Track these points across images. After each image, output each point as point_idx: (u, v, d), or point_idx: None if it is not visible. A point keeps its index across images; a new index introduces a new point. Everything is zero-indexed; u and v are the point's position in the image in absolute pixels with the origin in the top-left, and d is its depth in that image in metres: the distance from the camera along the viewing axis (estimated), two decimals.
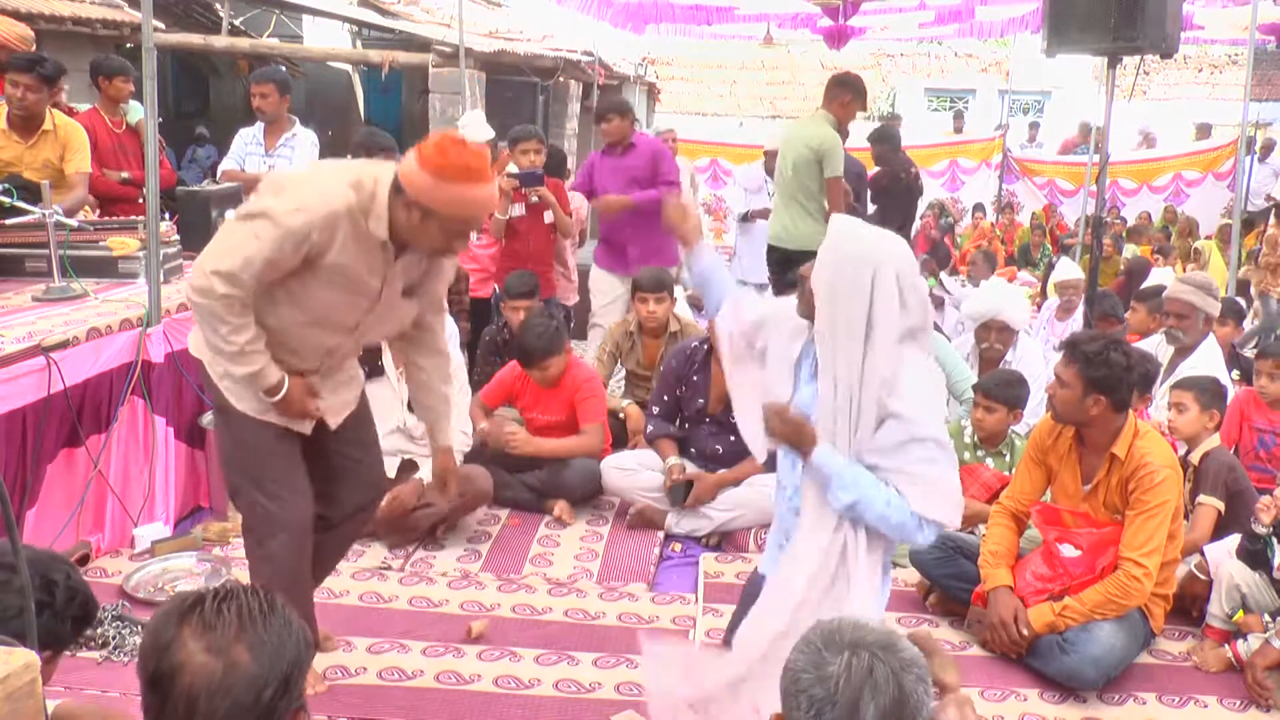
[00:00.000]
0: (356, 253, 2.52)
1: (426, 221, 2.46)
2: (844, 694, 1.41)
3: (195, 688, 1.35)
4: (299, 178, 2.64)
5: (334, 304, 2.62)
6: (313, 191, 2.49)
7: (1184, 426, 3.77)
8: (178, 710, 1.35)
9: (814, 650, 1.48)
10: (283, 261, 2.49)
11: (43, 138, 4.55)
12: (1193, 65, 21.28)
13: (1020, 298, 4.97)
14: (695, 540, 4.13)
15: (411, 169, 2.42)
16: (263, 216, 2.46)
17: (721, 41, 16.01)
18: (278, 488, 2.73)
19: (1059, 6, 4.90)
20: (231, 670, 1.36)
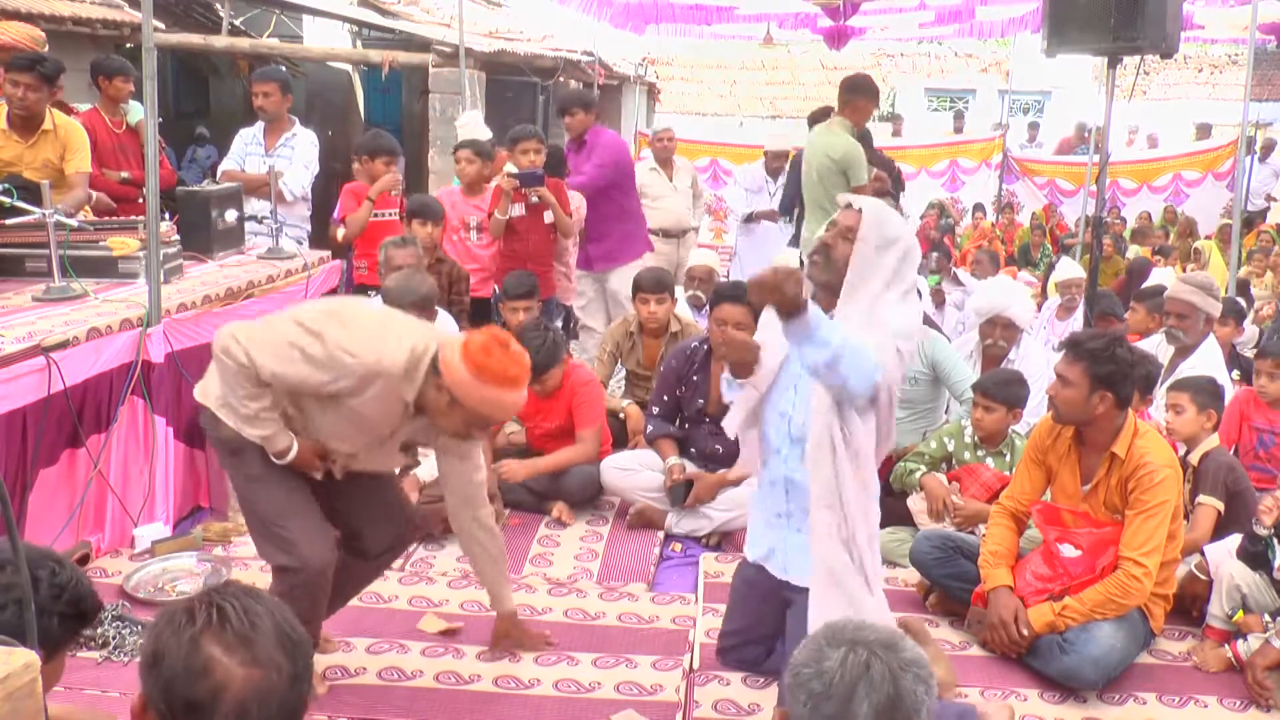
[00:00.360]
0: (380, 403, 2.64)
1: (453, 408, 2.56)
2: (838, 688, 1.42)
3: (245, 699, 1.35)
4: (369, 321, 2.70)
5: (337, 431, 2.75)
6: (374, 346, 2.57)
7: (1181, 428, 3.77)
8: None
9: (816, 645, 1.48)
10: (311, 385, 2.61)
11: (43, 137, 4.55)
12: (1193, 65, 21.30)
13: (1027, 296, 4.95)
14: (695, 540, 4.13)
15: (454, 361, 2.51)
16: (318, 340, 2.56)
17: (721, 41, 16.01)
18: (293, 533, 2.78)
19: (1059, 6, 4.90)
20: (275, 674, 1.38)
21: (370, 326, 2.66)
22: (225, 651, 1.37)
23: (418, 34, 9.79)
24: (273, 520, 2.79)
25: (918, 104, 21.91)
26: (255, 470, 2.78)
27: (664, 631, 3.41)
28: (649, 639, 3.34)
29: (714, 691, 3.05)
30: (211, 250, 4.75)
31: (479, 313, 5.59)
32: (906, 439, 4.44)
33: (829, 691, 1.42)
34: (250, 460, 2.78)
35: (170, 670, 1.37)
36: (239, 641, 1.37)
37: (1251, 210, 11.03)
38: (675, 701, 2.98)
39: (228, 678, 1.35)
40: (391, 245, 4.64)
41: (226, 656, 1.36)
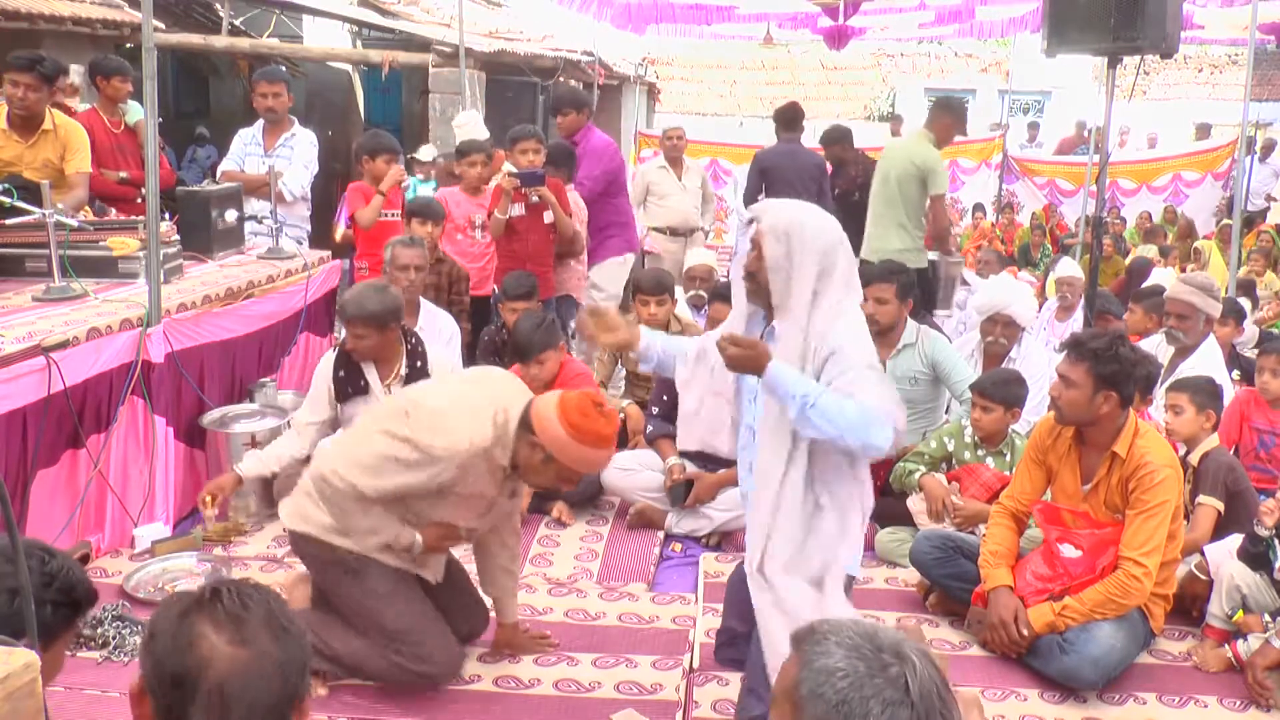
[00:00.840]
0: (482, 477, 2.77)
1: (546, 465, 2.72)
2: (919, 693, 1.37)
3: (227, 677, 1.37)
4: (446, 406, 2.77)
5: (451, 516, 2.88)
6: (460, 431, 2.68)
7: (1180, 428, 3.77)
8: (210, 701, 1.36)
9: (861, 653, 1.42)
10: (416, 488, 2.73)
11: (42, 137, 4.55)
12: (1193, 65, 21.30)
13: (1029, 295, 4.96)
14: (695, 540, 4.13)
15: (551, 422, 2.66)
16: (407, 444, 2.66)
17: (721, 41, 16.01)
18: (427, 644, 2.90)
19: (1059, 6, 4.91)
20: (260, 658, 1.39)
21: (449, 411, 2.74)
22: (214, 629, 1.39)
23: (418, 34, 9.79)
24: (405, 634, 2.88)
25: (918, 104, 21.90)
26: (382, 587, 2.87)
27: (664, 631, 3.41)
28: (649, 639, 3.34)
29: (714, 691, 3.05)
30: (211, 250, 4.75)
31: (478, 311, 5.59)
32: (906, 439, 4.44)
33: (905, 699, 1.36)
34: (374, 576, 2.86)
35: (161, 646, 1.40)
36: (228, 620, 1.39)
37: (1251, 210, 11.02)
38: (675, 701, 2.98)
39: (213, 654, 1.37)
40: (399, 244, 4.64)
41: (214, 633, 1.38)
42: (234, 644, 1.38)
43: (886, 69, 23.08)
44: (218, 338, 4.31)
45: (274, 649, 1.40)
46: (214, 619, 1.40)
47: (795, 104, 7.25)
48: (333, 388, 3.90)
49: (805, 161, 6.71)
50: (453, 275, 5.23)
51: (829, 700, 1.38)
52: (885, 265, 5.04)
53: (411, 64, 9.69)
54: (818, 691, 1.40)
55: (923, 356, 4.57)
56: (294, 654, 1.43)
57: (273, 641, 1.41)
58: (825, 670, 1.41)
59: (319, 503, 2.84)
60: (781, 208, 2.60)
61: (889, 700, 1.37)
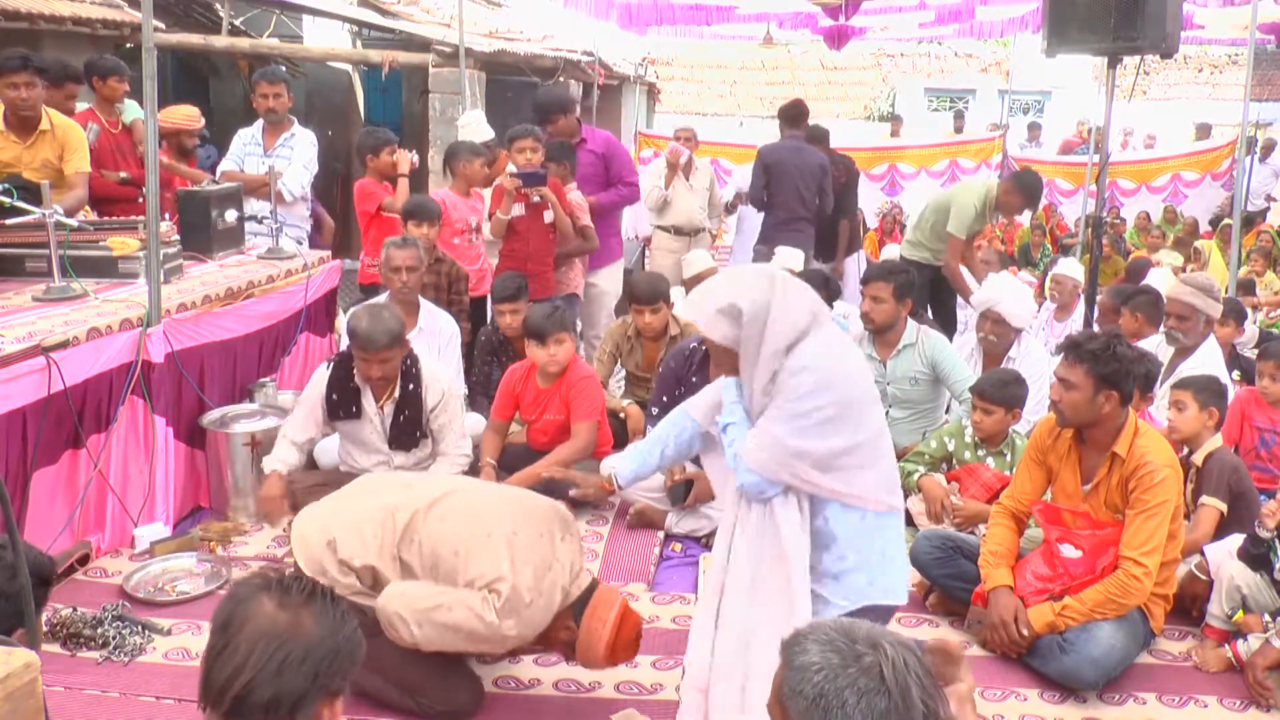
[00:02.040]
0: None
1: (566, 648, 2.81)
2: (893, 683, 1.38)
3: (259, 634, 1.49)
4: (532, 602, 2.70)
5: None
6: (537, 620, 2.71)
7: (1183, 425, 3.77)
8: (237, 652, 1.48)
9: (836, 646, 1.44)
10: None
11: (40, 137, 4.55)
12: (1193, 65, 21.31)
13: (1023, 294, 4.96)
14: (695, 540, 4.12)
15: (598, 639, 2.70)
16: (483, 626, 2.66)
17: (721, 41, 16.01)
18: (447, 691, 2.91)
19: (1059, 6, 4.90)
20: (295, 627, 1.51)
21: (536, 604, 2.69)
22: (269, 595, 1.55)
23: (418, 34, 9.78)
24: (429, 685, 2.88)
25: (918, 104, 21.92)
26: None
27: (664, 631, 3.41)
28: (649, 639, 3.33)
29: None
30: (211, 250, 4.76)
31: (477, 311, 5.60)
32: (906, 439, 4.45)
33: (881, 687, 1.38)
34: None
35: (226, 597, 1.58)
36: (284, 594, 1.55)
37: (1251, 210, 11.02)
38: (675, 701, 2.98)
39: (258, 610, 1.52)
40: (392, 245, 4.63)
41: (267, 598, 1.54)
42: (278, 609, 1.52)
43: (886, 69, 23.09)
44: (218, 338, 4.31)
45: (314, 631, 1.52)
46: (274, 590, 1.55)
47: (800, 101, 7.25)
48: (325, 408, 3.87)
49: (809, 159, 6.72)
50: (453, 275, 5.23)
51: (807, 696, 1.41)
52: (883, 265, 5.05)
53: (411, 64, 9.69)
54: (797, 689, 1.42)
55: (922, 356, 4.58)
56: (331, 646, 1.53)
57: (314, 625, 1.52)
58: (802, 667, 1.43)
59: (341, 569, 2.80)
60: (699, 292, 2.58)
61: (864, 689, 1.39)
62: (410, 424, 3.88)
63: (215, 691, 1.49)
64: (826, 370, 2.40)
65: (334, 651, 1.53)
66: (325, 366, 3.93)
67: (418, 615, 2.70)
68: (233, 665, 1.48)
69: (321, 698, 1.52)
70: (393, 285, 4.61)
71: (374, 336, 3.66)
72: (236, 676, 1.47)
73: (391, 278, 4.59)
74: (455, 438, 3.94)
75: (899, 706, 1.38)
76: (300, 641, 1.50)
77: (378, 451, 3.94)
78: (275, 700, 1.47)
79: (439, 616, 2.69)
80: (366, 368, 3.74)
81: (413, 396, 3.87)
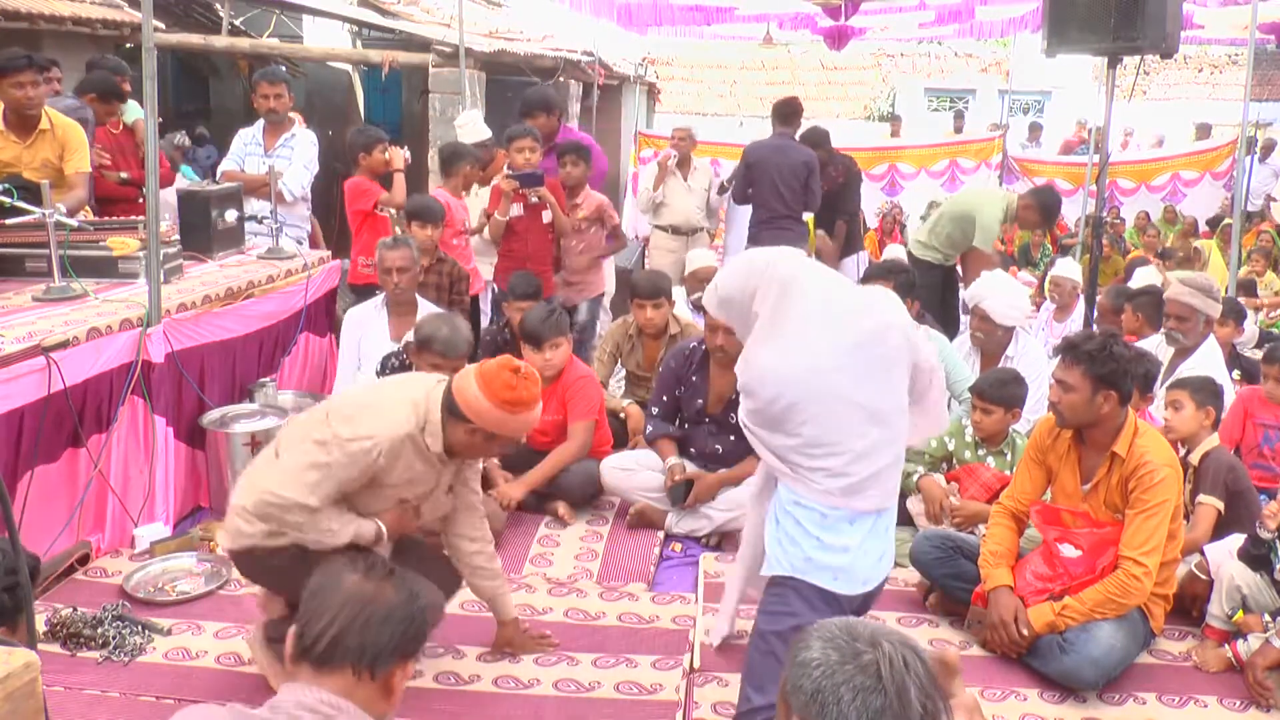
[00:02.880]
0: (413, 467, 2.79)
1: (488, 440, 2.79)
2: (889, 681, 1.39)
3: (348, 596, 1.74)
4: (365, 403, 2.84)
5: (389, 509, 2.86)
6: (379, 419, 2.73)
7: (1180, 425, 3.77)
8: (329, 609, 1.72)
9: (836, 642, 1.45)
10: (351, 484, 2.73)
11: (40, 137, 4.54)
12: (1193, 65, 21.30)
13: (1013, 293, 4.96)
14: (695, 540, 4.13)
15: (477, 399, 2.70)
16: (329, 446, 2.68)
17: (721, 41, 16.01)
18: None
19: (1059, 6, 4.90)
20: (378, 594, 1.75)
21: (367, 405, 2.80)
22: (355, 569, 1.79)
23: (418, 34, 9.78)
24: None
25: (918, 104, 21.91)
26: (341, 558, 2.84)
27: (664, 631, 3.41)
28: (649, 639, 3.34)
29: (713, 692, 3.05)
30: (211, 250, 4.76)
31: (476, 310, 5.61)
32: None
33: (878, 685, 1.39)
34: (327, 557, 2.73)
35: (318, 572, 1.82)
36: (369, 568, 1.80)
37: (1251, 210, 11.02)
38: (675, 701, 2.98)
39: (346, 580, 1.76)
40: (385, 247, 4.60)
41: (354, 571, 1.78)
42: (363, 580, 1.77)
43: (886, 69, 23.08)
44: (218, 338, 4.32)
45: (394, 599, 1.76)
46: (359, 567, 1.80)
47: (794, 99, 7.24)
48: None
49: (793, 158, 6.68)
50: (454, 275, 5.22)
51: (806, 691, 1.42)
52: (884, 264, 5.06)
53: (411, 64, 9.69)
54: (798, 684, 1.44)
55: None
56: (407, 613, 1.77)
57: (395, 594, 1.77)
58: (803, 663, 1.45)
59: (253, 521, 2.75)
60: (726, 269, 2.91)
61: (859, 687, 1.39)
62: None
63: (310, 642, 1.71)
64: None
65: (409, 619, 1.77)
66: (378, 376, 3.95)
67: (277, 479, 2.69)
68: (326, 618, 1.71)
69: (397, 659, 1.74)
70: (387, 286, 4.60)
71: (455, 343, 3.74)
72: (329, 628, 1.70)
73: (385, 279, 4.58)
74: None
75: (894, 705, 1.39)
76: (382, 606, 1.74)
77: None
78: (360, 650, 1.70)
79: (292, 464, 2.69)
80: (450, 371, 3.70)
81: None
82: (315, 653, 1.71)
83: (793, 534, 2.64)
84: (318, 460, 2.68)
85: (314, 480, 2.68)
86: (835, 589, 2.61)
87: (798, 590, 2.61)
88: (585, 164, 5.70)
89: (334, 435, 2.69)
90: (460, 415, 2.72)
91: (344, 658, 1.71)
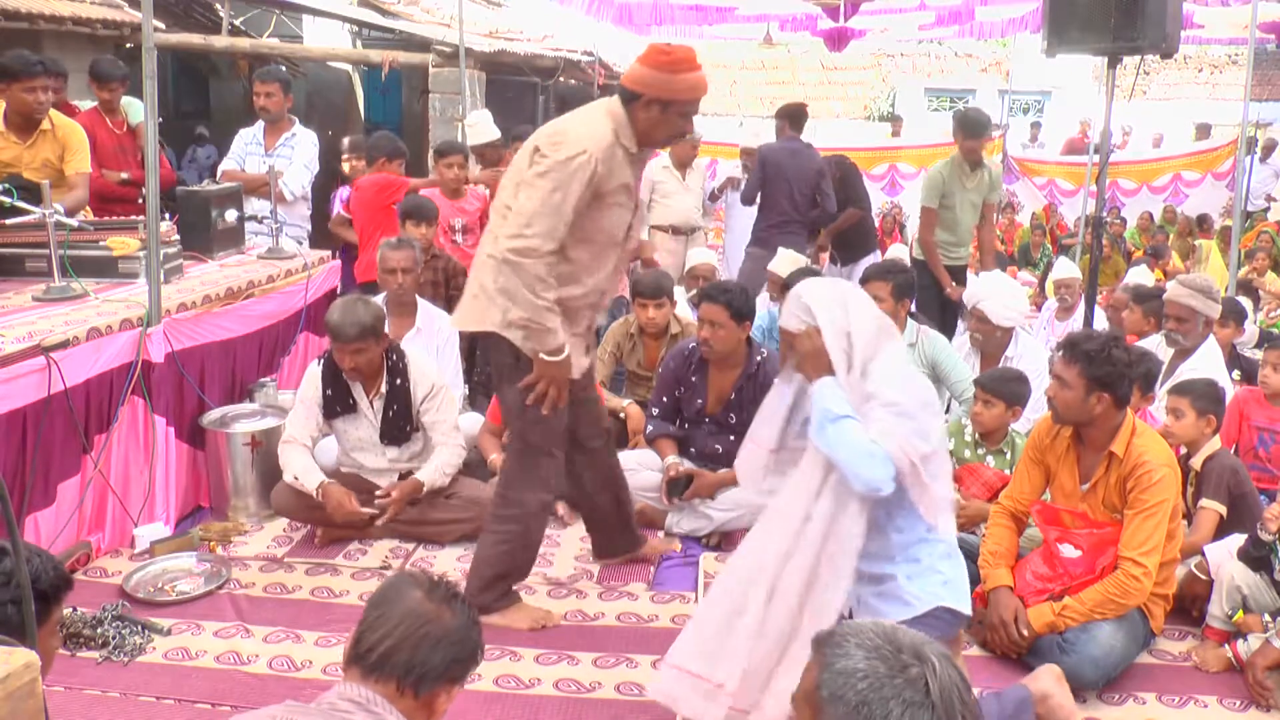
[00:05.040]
0: (621, 168, 3.01)
1: (667, 113, 2.96)
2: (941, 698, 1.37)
3: (408, 612, 1.83)
4: (569, 125, 3.02)
5: (617, 222, 3.09)
6: (586, 133, 2.93)
7: (1180, 433, 3.75)
8: (389, 621, 1.82)
9: (882, 654, 1.41)
10: (581, 201, 2.91)
11: (41, 137, 4.54)
12: (1193, 65, 21.31)
13: (1013, 296, 4.96)
14: (695, 540, 4.12)
15: (645, 74, 2.92)
16: (555, 172, 2.87)
17: (721, 42, 16.00)
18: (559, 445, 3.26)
19: (1059, 6, 4.90)
20: (438, 615, 1.84)
21: (568, 128, 2.98)
22: (419, 588, 1.89)
23: (418, 34, 9.80)
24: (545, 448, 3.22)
25: (918, 104, 21.91)
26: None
27: (664, 631, 3.41)
28: (649, 639, 3.34)
29: None
30: (211, 250, 4.76)
31: None
32: None
33: (925, 701, 1.36)
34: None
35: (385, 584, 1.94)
36: (433, 589, 1.89)
37: (1252, 210, 11.03)
38: None
39: (409, 596, 1.86)
40: (387, 247, 4.62)
41: (418, 589, 1.88)
42: (425, 598, 1.86)
43: (886, 69, 23.08)
44: (218, 338, 4.32)
45: (451, 622, 1.85)
46: (424, 585, 1.89)
47: (802, 104, 7.26)
48: (321, 406, 3.92)
49: (805, 162, 6.70)
50: (449, 270, 5.21)
51: (849, 702, 1.38)
52: (883, 264, 5.05)
53: (411, 64, 9.70)
54: (838, 694, 1.39)
55: (922, 356, 4.57)
56: (461, 638, 1.85)
57: (453, 618, 1.85)
58: (845, 672, 1.40)
59: (492, 298, 2.99)
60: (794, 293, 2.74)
61: (909, 701, 1.36)
62: (400, 417, 3.95)
63: (364, 650, 1.81)
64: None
65: (463, 643, 1.84)
66: (316, 364, 3.99)
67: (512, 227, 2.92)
68: (383, 630, 1.80)
69: (444, 681, 1.82)
70: (389, 286, 4.61)
71: (343, 328, 3.76)
72: (385, 639, 1.79)
73: (387, 279, 4.59)
74: (447, 429, 4.01)
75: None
76: (440, 627, 1.82)
77: (374, 446, 4.01)
78: (409, 666, 1.78)
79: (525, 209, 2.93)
80: (340, 358, 3.82)
81: (400, 390, 3.93)
82: (367, 661, 1.80)
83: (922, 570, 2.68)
84: (547, 189, 2.86)
85: (550, 213, 2.85)
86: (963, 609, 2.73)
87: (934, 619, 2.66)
88: None
89: (552, 162, 2.86)
90: (635, 95, 2.93)
91: (392, 671, 1.78)
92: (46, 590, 1.93)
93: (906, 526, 2.65)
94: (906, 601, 2.66)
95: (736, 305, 4.06)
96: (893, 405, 2.55)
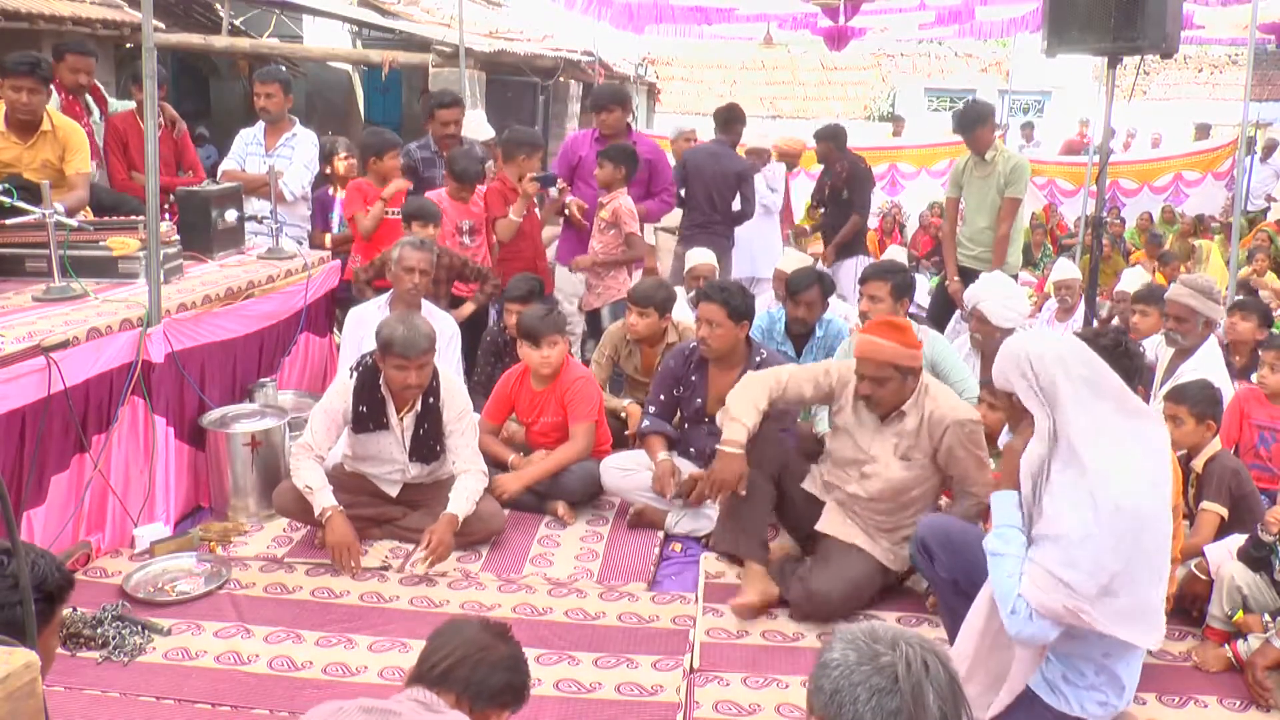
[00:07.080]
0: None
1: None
2: (906, 683, 1.43)
3: (470, 638, 2.08)
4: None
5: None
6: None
7: (1181, 439, 3.71)
8: (452, 642, 2.06)
9: (858, 645, 1.49)
10: None
11: (41, 138, 4.55)
12: (1193, 65, 21.32)
13: (1013, 296, 4.95)
14: (695, 540, 4.12)
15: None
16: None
17: (721, 42, 16.01)
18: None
19: (1059, 6, 4.90)
20: (495, 645, 2.11)
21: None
22: (479, 623, 2.17)
23: (418, 34, 9.80)
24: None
25: (918, 104, 21.92)
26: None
27: (664, 631, 3.41)
28: (649, 639, 3.34)
29: (714, 692, 3.05)
30: (211, 250, 4.76)
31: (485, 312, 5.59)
32: None
33: (894, 687, 1.42)
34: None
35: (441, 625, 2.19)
36: (487, 624, 2.17)
37: (1252, 210, 11.03)
38: (675, 702, 2.98)
39: (467, 631, 2.12)
40: (409, 246, 4.61)
41: (476, 623, 2.16)
42: (482, 631, 2.13)
43: (886, 69, 23.09)
44: (218, 338, 4.31)
45: (504, 653, 2.10)
46: (483, 624, 2.17)
47: (735, 105, 7.28)
48: (351, 421, 3.87)
49: (726, 166, 6.67)
50: (452, 265, 5.19)
51: (826, 691, 1.47)
52: (882, 264, 5.05)
53: (411, 64, 9.70)
54: (819, 684, 1.49)
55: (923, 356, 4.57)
56: (514, 667, 2.11)
57: (505, 650, 2.12)
58: (824, 664, 1.50)
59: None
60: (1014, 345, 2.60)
61: (875, 688, 1.43)
62: (430, 436, 3.91)
63: (427, 668, 2.03)
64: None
65: (512, 672, 2.10)
66: (350, 376, 3.90)
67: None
68: (444, 651, 2.05)
69: (496, 705, 2.05)
70: (403, 285, 4.61)
71: (414, 342, 3.66)
72: (445, 659, 2.03)
73: (403, 277, 4.58)
74: (471, 453, 3.97)
75: (910, 707, 1.41)
76: (493, 655, 2.07)
77: (393, 461, 3.96)
78: (466, 682, 2.01)
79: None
80: (404, 376, 3.70)
81: (433, 409, 3.88)
82: (430, 677, 2.02)
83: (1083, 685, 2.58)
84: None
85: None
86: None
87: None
88: (615, 168, 5.61)
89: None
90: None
91: (452, 686, 2.01)
92: (53, 591, 1.93)
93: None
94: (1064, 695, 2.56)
95: (734, 305, 4.05)
96: (1058, 540, 2.36)
